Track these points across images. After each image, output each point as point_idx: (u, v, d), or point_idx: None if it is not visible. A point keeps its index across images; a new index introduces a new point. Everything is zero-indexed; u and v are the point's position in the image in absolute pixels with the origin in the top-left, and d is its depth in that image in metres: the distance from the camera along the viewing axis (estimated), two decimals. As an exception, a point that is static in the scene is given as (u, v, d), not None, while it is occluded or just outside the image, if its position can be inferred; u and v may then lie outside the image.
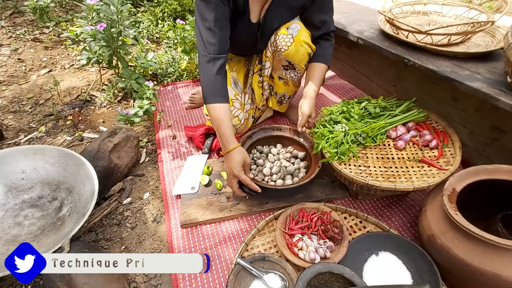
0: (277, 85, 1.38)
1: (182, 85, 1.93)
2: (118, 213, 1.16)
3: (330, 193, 1.14)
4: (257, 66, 1.40)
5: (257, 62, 1.40)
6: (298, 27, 1.18)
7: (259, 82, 1.39)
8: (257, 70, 1.40)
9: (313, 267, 0.79)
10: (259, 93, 1.40)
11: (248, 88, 1.39)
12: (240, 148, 1.01)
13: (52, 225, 0.96)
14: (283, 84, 1.36)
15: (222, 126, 1.00)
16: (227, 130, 1.00)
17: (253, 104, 1.42)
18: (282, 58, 1.24)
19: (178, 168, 1.32)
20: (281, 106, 1.50)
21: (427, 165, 0.97)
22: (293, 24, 1.18)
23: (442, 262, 0.80)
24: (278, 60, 1.26)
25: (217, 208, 1.11)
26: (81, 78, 2.14)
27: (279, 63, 1.27)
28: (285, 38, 1.19)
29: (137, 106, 1.25)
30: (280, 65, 1.28)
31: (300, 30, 1.18)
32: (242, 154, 1.00)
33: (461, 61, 0.97)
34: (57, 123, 1.70)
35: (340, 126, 1.05)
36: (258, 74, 1.40)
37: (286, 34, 1.18)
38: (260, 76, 1.39)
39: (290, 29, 1.18)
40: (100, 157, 1.13)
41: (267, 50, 1.28)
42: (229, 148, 1.00)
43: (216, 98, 1.01)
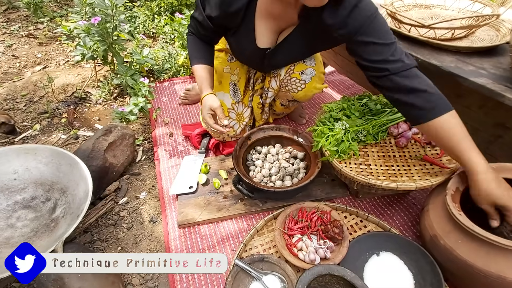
0: (278, 107, 1.36)
1: (179, 81, 1.89)
2: (114, 213, 1.14)
3: (330, 191, 1.12)
4: (259, 85, 1.29)
5: (260, 81, 1.29)
6: (313, 73, 1.13)
7: (259, 103, 1.31)
8: (258, 89, 1.30)
9: (313, 269, 0.77)
10: (258, 112, 1.34)
11: (249, 102, 1.31)
12: (209, 95, 1.01)
13: (46, 226, 0.94)
14: (284, 108, 1.36)
15: (199, 81, 1.03)
16: (200, 84, 1.03)
17: (252, 115, 1.36)
18: (289, 95, 1.22)
19: (175, 166, 1.29)
20: (279, 117, 1.51)
21: (429, 163, 0.95)
22: (308, 69, 1.12)
23: (445, 263, 0.78)
24: (284, 95, 1.24)
25: (215, 207, 1.09)
26: (76, 75, 2.10)
27: (285, 96, 1.24)
28: (297, 83, 1.15)
29: (132, 104, 1.22)
30: (286, 98, 1.25)
31: (314, 77, 1.13)
32: (210, 99, 1.00)
33: (465, 56, 0.94)
34: (51, 121, 1.67)
35: (341, 124, 1.02)
36: (260, 95, 1.30)
37: (299, 79, 1.13)
38: (261, 98, 1.31)
39: (305, 74, 1.13)
40: (94, 156, 1.11)
41: (274, 81, 1.20)
42: (201, 98, 1.03)
43: (199, 60, 1.04)
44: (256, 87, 1.30)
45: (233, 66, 1.25)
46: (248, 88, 1.31)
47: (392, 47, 0.81)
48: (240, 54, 1.14)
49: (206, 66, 1.05)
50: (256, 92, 1.30)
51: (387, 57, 0.81)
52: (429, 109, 0.78)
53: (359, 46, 0.85)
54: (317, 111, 1.59)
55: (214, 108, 0.99)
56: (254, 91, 1.31)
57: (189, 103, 1.68)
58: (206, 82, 1.03)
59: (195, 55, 1.06)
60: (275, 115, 1.46)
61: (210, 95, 1.02)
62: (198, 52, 1.06)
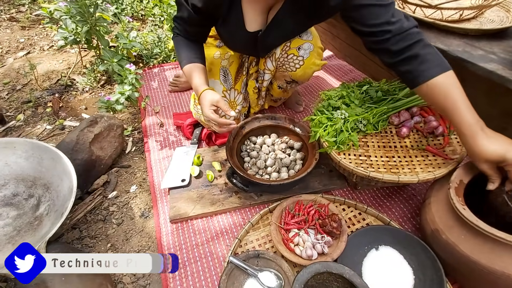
0: (275, 91, 1.28)
1: (170, 67, 1.80)
2: (103, 208, 1.09)
3: (327, 183, 1.08)
4: (254, 68, 1.22)
5: (254, 63, 1.21)
6: (311, 47, 1.04)
7: (255, 88, 1.24)
8: (253, 73, 1.22)
9: (310, 267, 0.74)
10: (254, 98, 1.27)
11: (243, 88, 1.24)
12: (207, 91, 0.94)
13: (29, 225, 0.89)
14: (282, 92, 1.27)
15: (191, 81, 0.96)
16: (194, 82, 0.95)
17: (246, 103, 1.30)
18: (286, 75, 1.13)
19: (167, 158, 1.24)
20: (276, 103, 1.42)
21: (432, 154, 0.90)
22: (305, 43, 1.04)
23: (447, 259, 0.75)
24: (282, 75, 1.15)
25: (208, 201, 1.05)
26: (60, 61, 1.99)
27: (282, 77, 1.16)
28: (295, 60, 1.06)
29: (118, 93, 1.15)
30: (283, 78, 1.17)
31: (312, 52, 1.05)
32: (210, 94, 0.93)
33: (473, 39, 0.88)
34: (36, 111, 1.59)
35: (340, 113, 0.97)
36: (255, 79, 1.23)
37: (297, 55, 1.05)
38: (257, 82, 1.23)
39: (302, 49, 1.05)
40: (79, 149, 1.05)
41: (269, 61, 1.12)
42: (198, 95, 0.95)
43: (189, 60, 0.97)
44: (251, 71, 1.22)
45: (223, 50, 1.17)
46: (242, 73, 1.23)
47: (391, 7, 0.77)
48: (233, 43, 1.07)
49: (197, 64, 0.97)
50: (251, 76, 1.23)
51: (388, 19, 0.75)
52: (427, 69, 0.73)
53: (356, 11, 0.79)
54: (314, 98, 1.53)
55: (215, 102, 0.92)
56: (249, 75, 1.23)
57: (179, 90, 1.60)
58: (200, 79, 0.95)
59: (184, 55, 0.98)
60: (273, 101, 1.39)
61: (208, 91, 0.94)
62: (188, 51, 0.98)
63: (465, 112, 0.70)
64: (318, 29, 1.59)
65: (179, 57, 1.00)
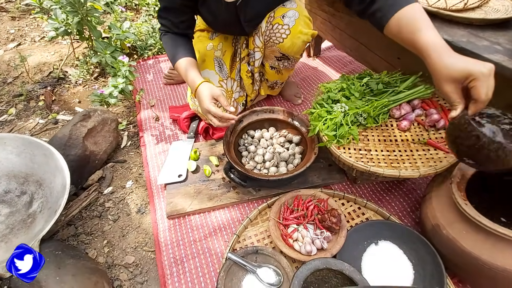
0: (269, 73, 1.24)
1: (165, 58, 1.76)
2: (99, 204, 1.07)
3: (327, 177, 1.07)
4: (245, 51, 1.19)
5: (244, 46, 1.19)
6: (296, 14, 1.00)
7: (247, 71, 1.21)
8: (245, 56, 1.19)
9: (310, 264, 0.73)
10: (248, 83, 1.24)
11: (237, 74, 1.21)
12: (204, 84, 0.93)
13: (22, 222, 0.87)
14: (276, 73, 1.22)
15: (186, 75, 0.95)
16: (189, 76, 0.94)
17: (243, 91, 1.27)
18: (275, 49, 1.09)
19: (163, 152, 1.22)
20: (273, 90, 1.38)
21: (433, 148, 0.89)
22: (290, 11, 1.00)
23: (448, 254, 0.74)
24: (271, 51, 1.11)
25: (206, 196, 1.03)
26: (52, 53, 1.94)
27: (272, 53, 1.12)
28: (280, 29, 1.02)
29: (111, 86, 1.11)
30: (273, 55, 1.13)
31: (298, 19, 1.01)
32: (208, 88, 0.91)
33: (477, 29, 0.85)
34: (28, 104, 1.55)
35: (340, 106, 0.94)
36: (247, 63, 1.20)
37: (282, 24, 1.02)
38: (248, 65, 1.20)
39: (287, 17, 1.01)
40: (72, 144, 1.02)
41: (257, 38, 1.09)
42: (193, 90, 0.94)
43: (180, 55, 0.96)
44: (242, 54, 1.19)
45: (215, 41, 1.16)
46: (236, 61, 1.21)
47: None
48: (216, 22, 1.05)
49: (189, 59, 0.97)
50: (243, 60, 1.20)
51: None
52: (394, 3, 0.73)
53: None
54: (313, 90, 1.50)
55: (216, 96, 0.90)
56: (240, 59, 1.21)
57: (174, 83, 1.57)
58: (194, 72, 0.94)
59: (175, 52, 0.97)
60: (269, 88, 1.35)
61: (205, 83, 0.92)
62: (177, 48, 0.98)
63: (432, 33, 0.67)
64: (317, 19, 1.55)
65: (169, 55, 0.99)
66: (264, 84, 1.31)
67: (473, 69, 0.60)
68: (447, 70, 0.63)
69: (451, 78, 0.63)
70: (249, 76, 1.22)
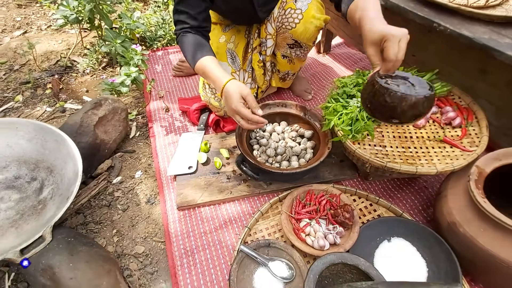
0: (280, 63, 1.22)
1: (174, 50, 1.74)
2: (108, 193, 1.06)
3: (338, 173, 1.06)
4: (256, 41, 1.16)
5: (256, 35, 1.16)
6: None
7: (259, 61, 1.19)
8: (257, 46, 1.17)
9: (325, 258, 0.72)
10: (260, 73, 1.22)
11: (248, 65, 1.20)
12: (232, 81, 0.85)
13: (33, 208, 0.86)
14: (287, 62, 1.21)
15: (209, 73, 0.88)
16: (214, 74, 0.87)
17: (255, 83, 1.25)
18: (287, 36, 1.08)
19: (172, 144, 1.21)
20: (285, 83, 1.36)
21: (449, 145, 0.88)
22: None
23: (463, 252, 0.74)
24: (283, 38, 1.10)
25: (216, 188, 1.02)
26: (60, 41, 1.92)
27: (284, 41, 1.11)
28: (293, 14, 1.01)
29: (124, 74, 1.10)
30: (285, 43, 1.12)
31: (310, 3, 1.00)
32: (237, 85, 0.84)
33: (499, 27, 0.84)
34: (35, 92, 1.53)
35: (356, 101, 0.93)
36: (258, 52, 1.18)
37: (294, 8, 1.01)
38: (260, 55, 1.19)
39: (299, 1, 1.00)
40: (83, 132, 1.01)
41: (269, 25, 1.08)
42: (220, 89, 0.86)
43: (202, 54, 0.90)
44: (254, 44, 1.17)
45: (228, 34, 1.14)
46: (248, 52, 1.19)
47: None
48: (231, 11, 1.03)
49: (211, 57, 0.90)
50: (254, 50, 1.18)
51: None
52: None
53: None
54: (323, 86, 1.49)
55: (245, 96, 0.83)
56: (252, 50, 1.19)
57: (183, 75, 1.55)
58: (219, 69, 0.88)
59: (195, 52, 0.91)
60: (281, 80, 1.33)
61: (234, 81, 0.85)
62: (197, 47, 0.91)
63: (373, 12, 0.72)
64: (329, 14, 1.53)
65: (189, 57, 0.92)
66: (276, 75, 1.30)
67: (386, 31, 0.65)
68: (369, 33, 0.68)
69: (371, 40, 0.68)
70: (261, 66, 1.21)
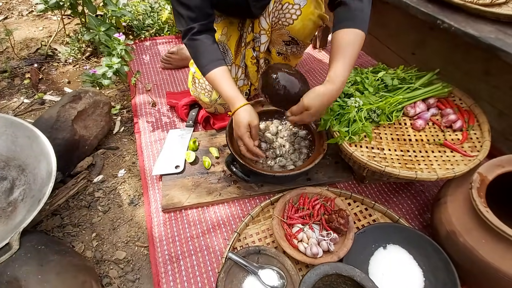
0: (275, 60, 1.16)
1: (163, 41, 1.65)
2: (88, 193, 0.99)
3: (333, 176, 1.01)
4: (250, 35, 1.09)
5: (250, 29, 1.09)
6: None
7: (252, 57, 1.12)
8: (250, 41, 1.10)
9: (318, 269, 0.68)
10: (253, 70, 1.16)
11: (241, 61, 1.13)
12: (247, 107, 0.87)
13: (1, 211, 0.79)
14: (282, 59, 1.15)
15: (222, 89, 0.88)
16: (227, 92, 0.88)
17: (247, 80, 1.19)
18: (283, 32, 1.02)
19: (159, 141, 1.14)
20: None
21: (449, 150, 0.84)
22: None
23: (462, 263, 0.71)
24: (279, 35, 1.04)
25: (204, 190, 0.97)
26: (41, 28, 1.80)
27: (280, 37, 1.04)
28: (290, 9, 0.95)
29: (105, 65, 1.02)
30: (281, 40, 1.05)
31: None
32: (249, 114, 0.87)
33: (506, 26, 0.79)
34: (12, 82, 1.43)
35: (354, 101, 0.88)
36: (252, 48, 1.11)
37: (292, 3, 0.94)
38: (254, 51, 1.12)
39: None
40: (60, 127, 0.93)
41: (263, 19, 1.01)
42: (234, 108, 0.88)
43: (215, 63, 0.88)
44: (247, 39, 1.10)
45: (219, 26, 1.06)
46: (241, 46, 1.12)
47: None
48: (223, 3, 0.96)
49: (224, 68, 0.89)
50: (248, 45, 1.11)
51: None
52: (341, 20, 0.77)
53: None
54: (317, 82, 1.43)
55: (252, 127, 0.87)
56: (246, 44, 1.11)
57: (172, 67, 1.48)
58: (235, 89, 0.88)
59: (205, 60, 0.89)
60: None
61: (246, 108, 0.87)
62: (209, 53, 0.89)
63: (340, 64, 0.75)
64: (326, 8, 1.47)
65: (198, 63, 0.90)
66: None
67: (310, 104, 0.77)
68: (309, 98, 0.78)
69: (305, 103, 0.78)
70: (254, 63, 1.15)
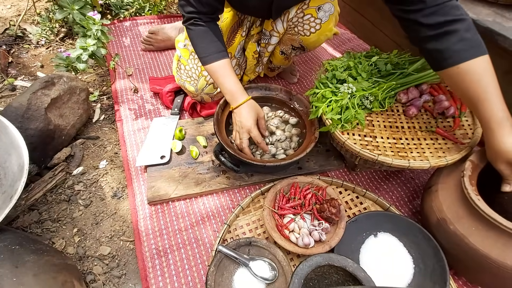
0: (276, 58, 1.11)
1: (144, 21, 1.55)
2: (67, 186, 0.93)
3: (324, 164, 0.99)
4: (257, 29, 1.02)
5: (259, 23, 1.02)
6: (332, 9, 0.89)
7: (255, 52, 1.06)
8: (255, 34, 1.03)
9: (311, 260, 0.66)
10: (252, 64, 1.10)
11: (238, 52, 1.05)
12: (251, 101, 0.88)
13: (-31, 208, 0.72)
14: (283, 59, 1.11)
15: (224, 83, 0.86)
16: (230, 86, 0.86)
17: (240, 70, 1.13)
18: (296, 39, 0.97)
19: (143, 129, 1.08)
20: (272, 72, 1.26)
21: (441, 137, 0.83)
22: (327, 3, 0.88)
23: (452, 250, 0.71)
24: (290, 39, 0.99)
25: (192, 181, 0.93)
26: (9, 6, 1.65)
27: (290, 41, 1.00)
28: (311, 22, 0.91)
29: (79, 47, 0.93)
30: (290, 43, 1.00)
31: (332, 15, 0.90)
32: (254, 107, 0.88)
33: (503, 9, 0.77)
34: (-23, 66, 1.31)
35: (346, 87, 0.85)
36: (256, 42, 1.05)
37: (315, 17, 0.90)
38: (258, 45, 1.05)
39: (322, 11, 0.89)
40: (31, 116, 0.85)
41: (280, 23, 0.95)
42: (237, 103, 0.86)
43: (217, 55, 0.85)
44: (252, 32, 1.03)
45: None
46: (239, 34, 1.03)
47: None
48: (244, 5, 0.92)
49: (227, 60, 0.86)
50: (252, 38, 1.04)
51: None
52: (462, 50, 0.62)
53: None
54: (309, 68, 1.39)
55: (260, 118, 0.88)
56: (249, 36, 1.05)
57: (154, 49, 1.39)
58: (237, 84, 0.86)
59: (209, 49, 0.85)
60: (269, 69, 1.23)
61: (251, 101, 0.87)
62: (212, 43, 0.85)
63: (497, 105, 0.62)
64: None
65: (198, 50, 0.86)
66: (266, 65, 1.19)
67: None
68: (505, 152, 0.62)
69: (506, 160, 0.63)
70: (255, 58, 1.09)
